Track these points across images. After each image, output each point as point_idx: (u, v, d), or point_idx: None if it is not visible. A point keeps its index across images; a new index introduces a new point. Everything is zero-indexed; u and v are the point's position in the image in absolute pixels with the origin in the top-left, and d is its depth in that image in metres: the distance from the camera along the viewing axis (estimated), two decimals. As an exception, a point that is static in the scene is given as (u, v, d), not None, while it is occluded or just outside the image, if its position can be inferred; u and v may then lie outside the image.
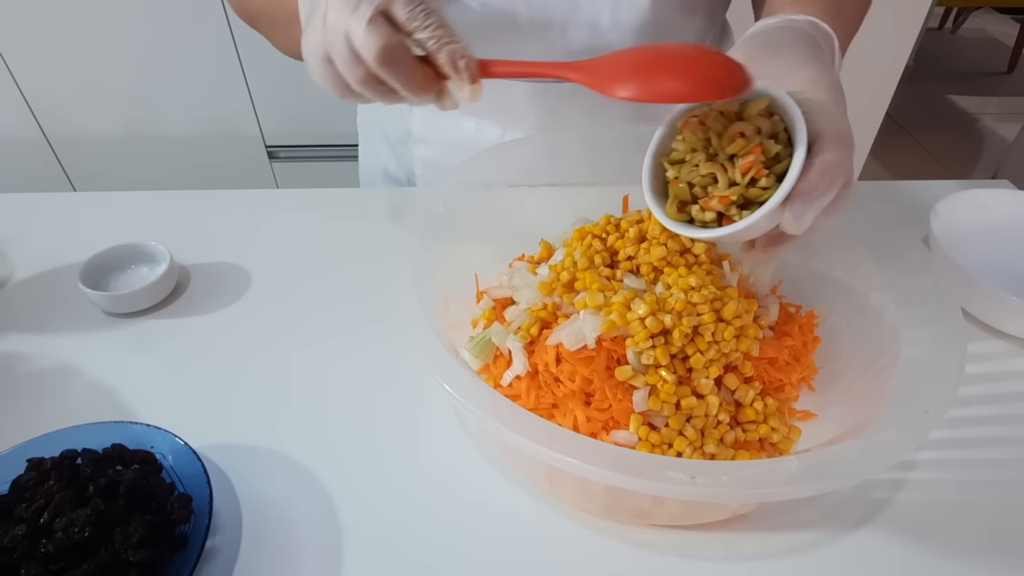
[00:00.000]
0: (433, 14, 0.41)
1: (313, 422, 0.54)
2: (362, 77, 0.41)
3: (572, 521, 0.47)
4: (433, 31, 0.41)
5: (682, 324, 0.45)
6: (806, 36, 0.45)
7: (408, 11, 0.40)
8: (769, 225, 0.42)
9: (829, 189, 0.40)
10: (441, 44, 0.41)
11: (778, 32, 0.46)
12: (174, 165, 1.75)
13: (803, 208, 0.40)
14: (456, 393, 0.40)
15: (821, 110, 0.41)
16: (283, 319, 0.63)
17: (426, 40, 0.41)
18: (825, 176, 0.39)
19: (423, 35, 0.41)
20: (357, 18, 0.39)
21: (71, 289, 0.62)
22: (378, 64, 0.40)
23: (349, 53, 0.41)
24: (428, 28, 0.40)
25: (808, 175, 0.39)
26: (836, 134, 0.40)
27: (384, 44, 0.39)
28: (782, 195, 0.40)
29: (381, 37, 0.39)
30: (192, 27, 1.50)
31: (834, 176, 0.39)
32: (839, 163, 0.39)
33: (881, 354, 0.48)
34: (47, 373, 0.58)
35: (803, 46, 0.44)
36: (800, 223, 0.40)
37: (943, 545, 0.46)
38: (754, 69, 0.42)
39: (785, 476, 0.34)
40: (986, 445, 0.52)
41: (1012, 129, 2.57)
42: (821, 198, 0.40)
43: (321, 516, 0.47)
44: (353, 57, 0.41)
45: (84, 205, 0.79)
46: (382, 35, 0.39)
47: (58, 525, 0.41)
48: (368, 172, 0.88)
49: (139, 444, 0.48)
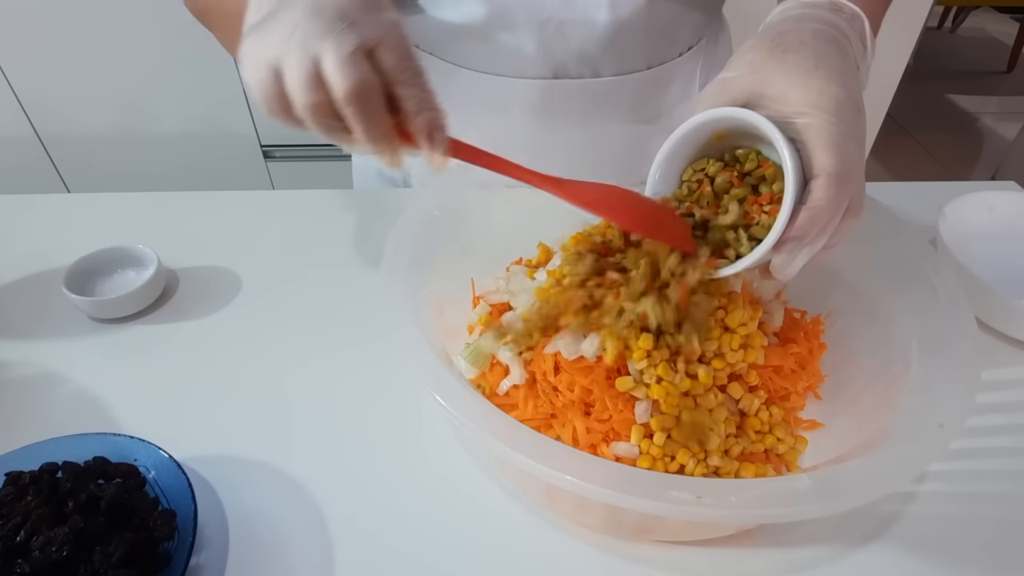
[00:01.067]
0: (421, 73, 0.38)
1: (303, 432, 0.52)
2: (314, 104, 0.37)
3: (571, 536, 0.46)
4: (419, 92, 0.38)
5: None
6: (823, 29, 0.42)
7: (398, 61, 0.37)
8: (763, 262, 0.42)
9: (821, 235, 0.38)
10: (422, 108, 0.38)
11: (792, 24, 0.43)
12: (169, 164, 1.73)
13: (789, 257, 0.39)
14: (450, 406, 0.38)
15: (820, 139, 0.38)
16: (274, 325, 0.62)
17: (407, 98, 0.38)
18: (815, 223, 0.38)
19: (406, 91, 0.37)
20: (336, 44, 0.35)
21: (56, 294, 0.60)
22: (348, 100, 0.36)
23: (309, 75, 0.36)
24: (414, 87, 0.38)
25: (796, 222, 0.38)
26: (833, 172, 0.38)
27: (361, 80, 0.35)
28: (768, 245, 0.39)
29: (360, 73, 0.35)
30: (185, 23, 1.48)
31: (826, 220, 0.38)
32: (833, 207, 0.38)
33: (891, 362, 0.46)
34: (30, 381, 0.56)
35: (818, 44, 0.41)
36: (787, 270, 0.39)
37: (955, 560, 0.44)
38: (756, 84, 0.41)
39: (796, 495, 0.33)
40: (997, 456, 0.50)
41: (1012, 128, 2.56)
42: (811, 244, 0.39)
43: (311, 530, 0.46)
44: (313, 81, 0.36)
45: (71, 207, 0.77)
46: (361, 71, 0.36)
47: (35, 544, 0.39)
48: (361, 172, 0.86)
49: (122, 457, 0.47)
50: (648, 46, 0.66)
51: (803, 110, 0.39)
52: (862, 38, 0.44)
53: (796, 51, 0.41)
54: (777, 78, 0.40)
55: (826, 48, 0.41)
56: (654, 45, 0.66)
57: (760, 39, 0.43)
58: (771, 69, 0.41)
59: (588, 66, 0.65)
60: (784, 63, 0.41)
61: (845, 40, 0.43)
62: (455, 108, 0.42)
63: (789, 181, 0.38)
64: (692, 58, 0.70)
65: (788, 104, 0.40)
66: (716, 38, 0.73)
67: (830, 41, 0.42)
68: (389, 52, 0.37)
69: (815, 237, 0.39)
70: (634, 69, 0.67)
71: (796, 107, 0.39)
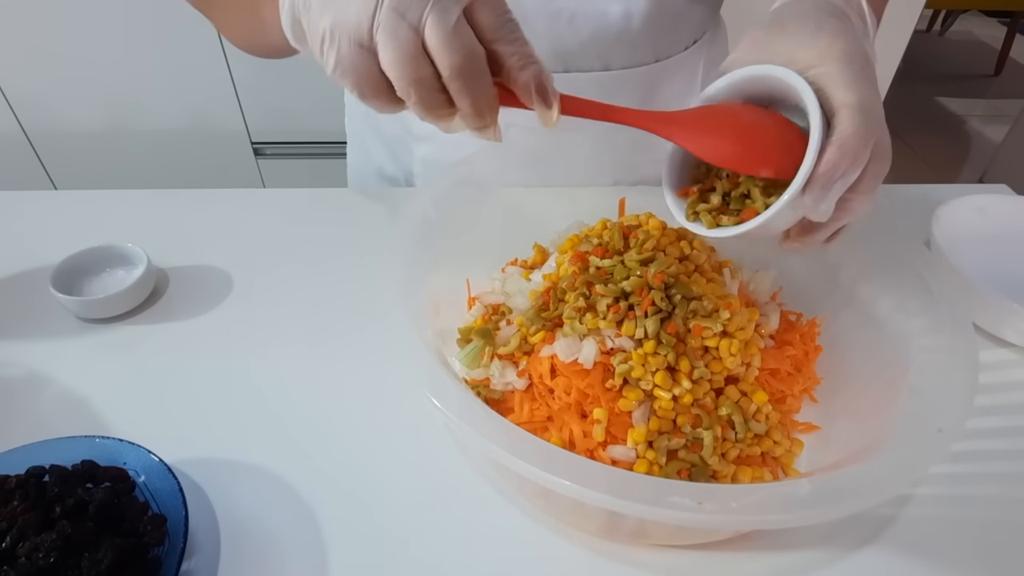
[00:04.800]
0: (518, 26, 0.35)
1: (296, 434, 0.52)
2: (422, 79, 0.33)
3: (568, 540, 0.45)
4: (520, 46, 0.35)
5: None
6: (824, 6, 0.42)
7: (497, 16, 0.34)
8: (793, 215, 0.40)
9: (852, 167, 0.36)
10: (526, 63, 0.35)
11: (792, 6, 0.43)
12: (158, 161, 1.71)
13: (822, 193, 0.37)
14: (446, 409, 0.38)
15: (836, 82, 0.37)
16: (266, 325, 0.61)
17: (510, 55, 0.35)
18: (846, 154, 0.36)
19: (508, 48, 0.35)
20: (439, 13, 0.32)
21: (43, 293, 0.59)
22: (456, 74, 0.33)
23: (414, 48, 0.33)
24: (515, 42, 0.35)
25: (825, 156, 0.36)
26: (854, 104, 0.36)
27: (470, 52, 0.33)
28: (800, 183, 0.37)
29: (468, 43, 0.33)
30: (174, 18, 1.46)
31: (856, 151, 0.36)
32: (859, 136, 0.36)
33: (887, 365, 0.46)
34: (16, 382, 0.55)
35: (819, 16, 0.40)
36: (821, 209, 0.37)
37: (950, 563, 0.44)
38: (760, 53, 0.40)
39: (796, 501, 0.33)
40: (992, 459, 0.51)
41: (999, 131, 2.58)
42: (844, 178, 0.36)
43: (304, 533, 0.45)
44: (418, 55, 0.33)
45: (58, 204, 0.76)
46: (468, 41, 0.33)
47: (21, 550, 0.38)
48: (358, 174, 0.85)
49: (111, 460, 0.46)
50: (657, 38, 0.66)
51: (814, 63, 0.38)
52: (861, 16, 0.44)
53: (796, 21, 0.41)
54: (782, 46, 0.40)
55: (827, 17, 0.41)
56: (662, 37, 0.66)
57: (759, 26, 0.43)
58: (774, 41, 0.41)
59: (599, 59, 0.65)
60: (786, 32, 0.41)
61: (844, 14, 0.42)
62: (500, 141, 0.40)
63: (814, 116, 0.37)
64: (696, 52, 0.70)
65: (798, 64, 0.39)
66: (715, 36, 0.74)
67: (833, 15, 0.41)
68: (487, 8, 0.34)
69: (847, 171, 0.36)
70: (643, 62, 0.66)
71: (806, 63, 0.39)
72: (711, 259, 0.51)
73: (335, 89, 0.64)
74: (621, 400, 0.44)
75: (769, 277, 0.55)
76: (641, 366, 0.44)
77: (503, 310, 0.53)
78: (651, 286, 0.45)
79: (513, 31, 0.35)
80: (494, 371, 0.48)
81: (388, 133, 0.77)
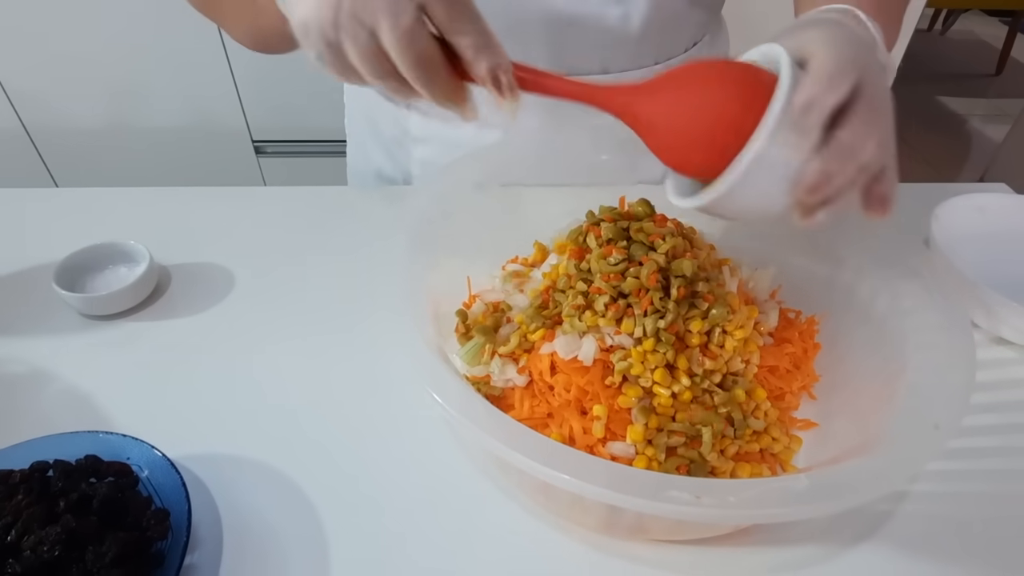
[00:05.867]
0: (475, 17, 0.37)
1: (298, 429, 0.52)
2: (384, 73, 0.37)
3: (567, 535, 0.46)
4: (475, 38, 0.37)
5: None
6: (831, 20, 0.41)
7: (449, 10, 0.36)
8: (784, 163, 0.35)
9: (827, 92, 0.33)
10: (480, 54, 0.37)
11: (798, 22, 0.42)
12: (159, 159, 1.71)
13: (802, 118, 0.33)
14: (447, 404, 0.38)
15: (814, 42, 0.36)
16: (268, 322, 0.61)
17: (464, 48, 0.37)
18: (818, 80, 0.33)
19: (460, 40, 0.37)
20: (392, 17, 0.35)
21: (46, 290, 0.60)
22: (410, 73, 0.36)
23: (373, 49, 0.36)
24: (469, 34, 0.37)
25: (798, 86, 0.34)
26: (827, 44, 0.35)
27: (420, 52, 0.35)
28: (772, 121, 0.33)
29: (419, 43, 0.35)
30: (176, 16, 1.47)
31: (829, 76, 0.33)
32: (830, 62, 0.33)
33: (886, 362, 0.46)
34: (20, 379, 0.56)
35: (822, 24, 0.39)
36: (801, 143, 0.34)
37: (947, 559, 0.44)
38: None
39: (794, 495, 0.33)
40: (988, 456, 0.51)
41: (1000, 131, 2.58)
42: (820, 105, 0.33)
43: (306, 529, 0.46)
44: (377, 54, 0.36)
45: (61, 202, 0.76)
46: (419, 40, 0.35)
47: (26, 543, 0.39)
48: (358, 174, 0.85)
49: (114, 455, 0.46)
50: (656, 40, 0.66)
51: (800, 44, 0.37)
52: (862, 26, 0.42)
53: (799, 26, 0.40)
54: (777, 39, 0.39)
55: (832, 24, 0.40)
56: (662, 40, 0.66)
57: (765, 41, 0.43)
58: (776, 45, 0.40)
59: (598, 62, 0.65)
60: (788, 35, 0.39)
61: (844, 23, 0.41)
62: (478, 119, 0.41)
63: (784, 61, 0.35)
64: (696, 54, 0.70)
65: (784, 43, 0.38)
66: (716, 38, 0.74)
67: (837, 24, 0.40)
68: (439, 4, 0.36)
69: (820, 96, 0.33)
70: (643, 65, 0.66)
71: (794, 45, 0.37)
72: (711, 257, 0.51)
73: (336, 88, 0.64)
74: (620, 397, 0.44)
75: (768, 275, 0.55)
76: (640, 363, 0.44)
77: (503, 308, 0.54)
78: (647, 287, 0.45)
79: (467, 22, 0.37)
80: (494, 368, 0.49)
81: (386, 135, 0.77)
